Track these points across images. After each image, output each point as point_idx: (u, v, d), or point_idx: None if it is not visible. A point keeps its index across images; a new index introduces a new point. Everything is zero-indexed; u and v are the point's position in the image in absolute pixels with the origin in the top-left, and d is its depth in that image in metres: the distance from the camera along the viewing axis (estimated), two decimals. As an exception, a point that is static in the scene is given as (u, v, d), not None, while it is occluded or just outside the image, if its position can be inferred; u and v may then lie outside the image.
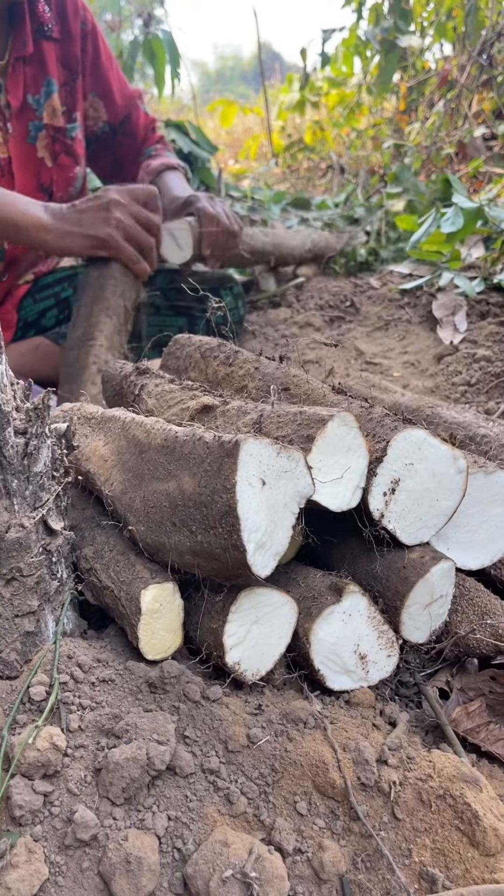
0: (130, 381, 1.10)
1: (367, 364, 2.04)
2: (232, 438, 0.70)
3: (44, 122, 1.80)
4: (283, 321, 2.42)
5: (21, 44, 1.70)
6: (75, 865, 0.64)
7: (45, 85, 1.78)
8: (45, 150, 1.83)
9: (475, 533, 0.92)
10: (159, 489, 0.77)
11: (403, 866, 0.67)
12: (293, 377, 1.00)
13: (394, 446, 0.81)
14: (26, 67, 1.74)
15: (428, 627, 0.86)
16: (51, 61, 1.79)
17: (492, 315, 2.12)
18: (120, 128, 2.05)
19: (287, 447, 0.72)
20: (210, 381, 1.12)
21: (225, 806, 0.70)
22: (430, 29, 4.48)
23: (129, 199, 1.67)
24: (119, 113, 2.01)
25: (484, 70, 3.90)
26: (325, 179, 5.20)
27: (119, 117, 2.02)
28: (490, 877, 0.65)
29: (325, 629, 0.80)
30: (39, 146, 1.81)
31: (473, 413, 1.20)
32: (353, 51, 4.97)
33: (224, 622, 0.76)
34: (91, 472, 0.93)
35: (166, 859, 0.66)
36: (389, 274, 2.65)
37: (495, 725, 0.84)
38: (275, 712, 0.77)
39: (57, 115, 1.82)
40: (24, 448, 0.76)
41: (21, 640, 0.79)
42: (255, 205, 3.63)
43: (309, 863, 0.67)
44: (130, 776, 0.67)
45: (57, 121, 1.82)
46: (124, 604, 0.80)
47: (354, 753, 0.72)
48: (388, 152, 4.47)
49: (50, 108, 1.80)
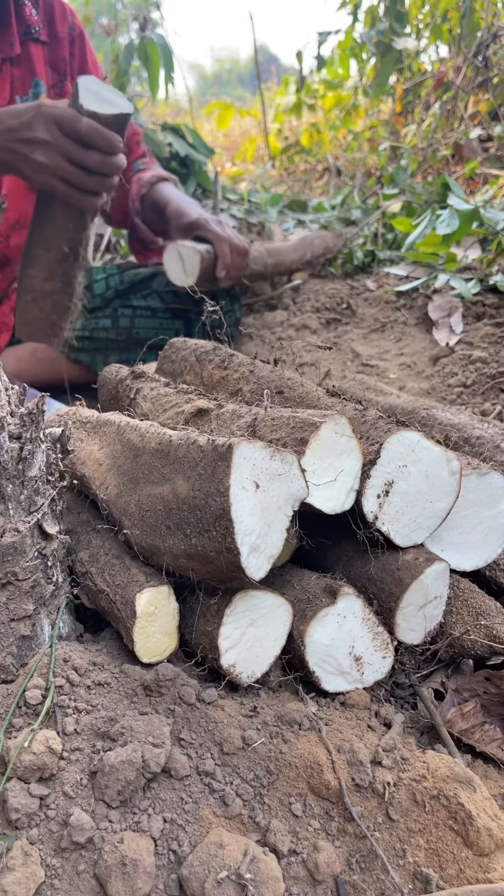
0: (126, 385, 1.11)
1: (363, 366, 2.05)
2: (225, 442, 0.71)
3: None
4: (279, 324, 2.42)
5: (8, 45, 1.72)
6: (71, 868, 0.64)
7: (34, 86, 1.80)
8: None
9: (469, 534, 0.93)
10: (154, 493, 0.78)
11: (398, 867, 0.67)
12: (288, 380, 1.01)
13: (387, 449, 0.82)
14: (13, 69, 1.76)
15: (423, 629, 0.86)
16: (38, 63, 1.81)
17: (487, 316, 2.13)
18: None
19: (281, 450, 0.72)
20: (205, 385, 1.12)
21: (220, 808, 0.70)
22: (425, 31, 4.50)
23: (60, 136, 1.38)
24: None
25: (480, 72, 3.92)
26: (321, 182, 5.21)
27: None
28: (484, 877, 0.66)
29: (320, 631, 0.80)
30: None
31: (468, 415, 1.21)
32: (349, 53, 4.99)
33: (219, 625, 0.77)
34: (86, 476, 0.94)
35: (162, 861, 0.66)
36: (386, 276, 2.65)
37: (490, 726, 0.84)
38: (270, 714, 0.77)
39: None
40: (19, 453, 0.76)
41: (17, 644, 0.79)
42: (251, 207, 3.64)
43: (304, 864, 0.67)
44: (126, 779, 0.67)
45: None
46: (120, 607, 0.81)
47: (349, 755, 0.73)
48: (384, 154, 4.48)
49: None
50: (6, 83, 1.74)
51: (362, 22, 4.68)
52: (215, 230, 1.94)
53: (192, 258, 1.87)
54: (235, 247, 1.96)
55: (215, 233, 1.94)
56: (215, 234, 1.93)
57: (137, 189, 2.07)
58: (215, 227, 1.95)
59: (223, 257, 1.92)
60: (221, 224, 1.98)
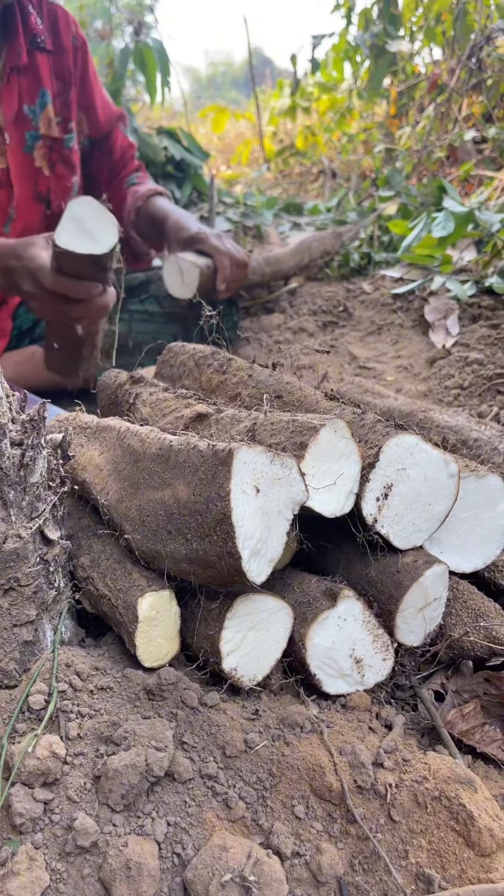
0: (125, 390, 1.11)
1: (360, 369, 2.05)
2: (226, 447, 0.71)
3: (40, 133, 1.83)
4: (276, 327, 2.43)
5: (16, 55, 1.73)
6: (76, 872, 0.65)
7: (40, 96, 1.81)
8: (42, 159, 1.85)
9: (468, 536, 0.93)
10: (154, 498, 0.78)
11: (400, 867, 0.68)
12: (286, 384, 1.01)
13: (386, 452, 0.82)
14: (21, 78, 1.77)
15: (422, 630, 0.87)
16: (45, 72, 1.82)
17: (483, 318, 2.14)
18: (99, 144, 2.10)
19: (280, 454, 0.73)
20: (204, 389, 1.13)
21: (223, 811, 0.70)
22: (419, 33, 4.51)
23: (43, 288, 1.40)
24: (101, 129, 2.07)
25: (473, 74, 3.93)
26: (316, 184, 5.22)
27: (100, 133, 2.08)
28: (486, 877, 0.66)
29: (321, 634, 0.81)
30: (37, 156, 1.84)
31: (466, 416, 1.21)
32: (343, 56, 5.00)
33: (220, 629, 0.77)
34: (87, 482, 0.94)
35: (166, 864, 0.66)
36: (382, 278, 2.66)
37: (490, 727, 0.85)
38: (272, 717, 0.78)
39: (52, 125, 1.85)
40: (21, 459, 0.77)
41: (19, 650, 0.79)
42: (247, 210, 3.65)
43: (307, 866, 0.67)
44: (129, 783, 0.68)
45: (53, 131, 1.86)
46: (121, 612, 0.81)
47: (351, 757, 0.73)
48: (379, 156, 4.49)
49: (45, 118, 1.83)
50: (14, 93, 1.76)
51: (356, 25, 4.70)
52: (215, 244, 1.96)
53: (191, 272, 1.88)
54: (235, 260, 1.98)
55: (215, 247, 1.96)
56: (215, 248, 1.96)
57: (133, 202, 2.09)
58: (215, 241, 1.97)
59: (223, 270, 1.94)
60: (220, 237, 2.01)
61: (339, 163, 5.11)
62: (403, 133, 4.48)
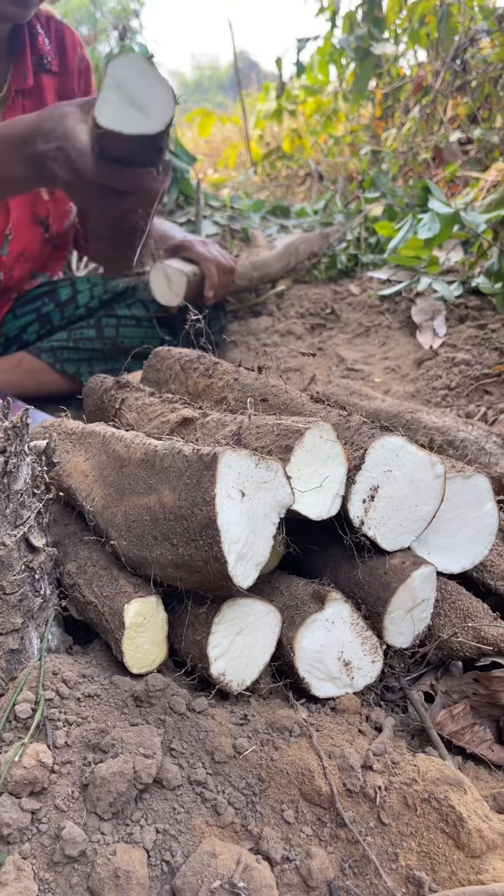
0: (111, 395, 1.11)
1: (348, 370, 2.05)
2: (210, 451, 0.71)
3: None
4: (264, 330, 2.43)
5: (22, 77, 1.72)
6: (64, 882, 0.64)
7: None
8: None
9: (455, 537, 0.93)
10: (140, 503, 0.78)
11: (390, 871, 0.68)
12: (272, 387, 1.01)
13: (371, 454, 0.82)
14: (25, 100, 1.76)
15: (411, 632, 0.87)
16: (49, 94, 1.81)
17: (470, 318, 2.14)
18: None
19: (266, 458, 0.73)
20: (190, 394, 1.13)
21: (212, 817, 0.70)
22: (403, 36, 4.52)
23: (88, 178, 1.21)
24: None
25: (458, 75, 3.94)
26: (303, 187, 5.23)
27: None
28: (476, 878, 0.66)
29: (309, 637, 0.81)
30: None
31: (453, 417, 1.21)
32: (329, 59, 5.01)
33: (208, 634, 0.77)
34: (72, 488, 0.94)
35: (155, 872, 0.66)
36: (369, 280, 2.66)
37: (479, 727, 0.85)
38: (260, 722, 0.77)
39: None
40: (4, 466, 0.76)
41: (5, 658, 0.79)
42: (234, 214, 3.65)
43: (297, 871, 0.67)
44: (117, 790, 0.67)
45: None
46: (108, 618, 0.81)
47: (340, 760, 0.73)
48: (365, 158, 4.51)
49: None
50: (17, 115, 1.73)
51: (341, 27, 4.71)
52: (201, 251, 1.97)
53: (178, 279, 1.88)
54: (222, 266, 1.98)
55: (201, 254, 1.96)
56: (201, 256, 1.96)
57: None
58: (201, 249, 1.97)
59: (210, 277, 1.95)
60: (206, 244, 2.01)
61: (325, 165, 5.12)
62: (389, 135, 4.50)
